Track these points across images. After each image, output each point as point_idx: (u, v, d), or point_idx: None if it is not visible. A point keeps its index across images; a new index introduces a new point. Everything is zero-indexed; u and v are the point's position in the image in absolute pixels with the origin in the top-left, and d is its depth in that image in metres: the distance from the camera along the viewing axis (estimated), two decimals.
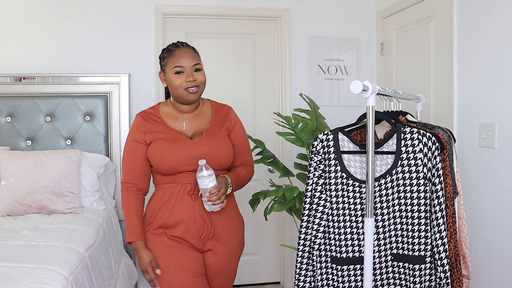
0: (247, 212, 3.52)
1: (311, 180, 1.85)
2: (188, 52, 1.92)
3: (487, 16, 2.39)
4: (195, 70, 1.91)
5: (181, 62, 1.89)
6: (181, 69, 1.88)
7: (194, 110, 1.98)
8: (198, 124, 1.96)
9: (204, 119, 1.98)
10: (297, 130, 2.62)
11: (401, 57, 3.25)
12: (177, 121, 1.95)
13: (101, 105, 3.13)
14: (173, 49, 1.93)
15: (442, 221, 1.71)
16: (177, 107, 1.97)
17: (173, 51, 1.92)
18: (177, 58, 1.90)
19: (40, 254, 1.91)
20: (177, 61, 1.89)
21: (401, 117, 1.99)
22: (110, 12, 3.27)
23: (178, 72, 1.89)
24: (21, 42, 3.19)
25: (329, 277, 1.84)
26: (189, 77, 1.88)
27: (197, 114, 1.99)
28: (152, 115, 1.96)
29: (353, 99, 3.57)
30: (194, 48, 1.98)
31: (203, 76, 1.94)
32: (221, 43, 3.49)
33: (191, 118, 1.97)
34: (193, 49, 1.97)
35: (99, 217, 2.65)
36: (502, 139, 2.29)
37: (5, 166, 2.68)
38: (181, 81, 1.88)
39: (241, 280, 3.57)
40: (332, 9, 3.55)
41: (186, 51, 1.92)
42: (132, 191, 1.93)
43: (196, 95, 1.91)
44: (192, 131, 1.95)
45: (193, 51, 1.95)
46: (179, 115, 1.96)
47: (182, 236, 1.88)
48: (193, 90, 1.90)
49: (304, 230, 1.87)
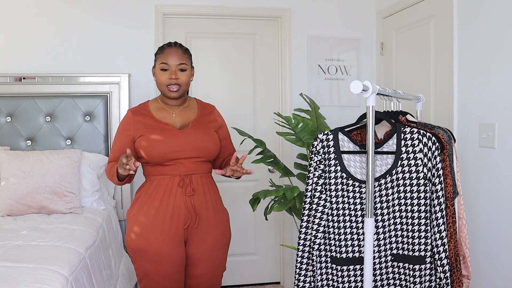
0: (247, 212, 3.53)
1: (311, 180, 1.85)
2: (176, 52, 2.03)
3: (487, 16, 2.39)
4: (179, 69, 2.02)
5: (168, 59, 2.01)
6: (166, 66, 2.01)
7: (181, 104, 2.12)
8: (186, 115, 2.10)
9: (191, 113, 2.12)
10: (297, 130, 2.62)
11: (401, 57, 3.25)
12: (165, 113, 2.08)
13: (101, 105, 3.13)
14: (165, 47, 2.06)
15: (442, 221, 1.71)
16: (165, 101, 2.10)
17: (164, 48, 2.05)
18: (165, 55, 2.02)
19: (40, 254, 1.91)
20: (164, 58, 2.02)
21: (401, 117, 1.99)
22: (110, 12, 3.27)
23: (163, 69, 2.02)
24: (21, 42, 3.19)
25: (329, 277, 1.84)
26: (172, 75, 2.00)
27: (185, 107, 2.12)
28: (141, 109, 2.09)
29: (353, 99, 3.57)
30: (186, 49, 2.08)
31: (186, 77, 2.04)
32: (221, 43, 3.49)
33: (180, 110, 2.10)
34: (184, 50, 2.07)
35: (99, 217, 2.65)
36: (502, 139, 2.29)
37: (5, 166, 2.68)
38: (164, 78, 2.02)
39: (241, 280, 3.57)
40: (332, 9, 3.55)
41: (175, 50, 2.04)
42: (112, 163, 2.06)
43: (176, 93, 2.03)
44: (180, 123, 2.08)
45: (183, 52, 2.05)
46: (168, 108, 2.10)
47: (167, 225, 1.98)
48: (173, 89, 2.02)
49: (304, 230, 1.87)
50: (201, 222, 2.02)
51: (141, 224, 1.98)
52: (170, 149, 1.97)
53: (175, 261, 1.98)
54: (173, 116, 2.07)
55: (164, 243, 1.96)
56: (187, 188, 1.99)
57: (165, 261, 1.97)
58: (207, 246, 2.04)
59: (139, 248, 1.97)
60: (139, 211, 2.00)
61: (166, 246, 1.96)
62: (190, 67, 2.07)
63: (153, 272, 1.98)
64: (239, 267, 3.56)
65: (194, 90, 3.46)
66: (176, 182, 1.99)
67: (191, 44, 3.44)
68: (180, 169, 1.99)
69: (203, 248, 2.03)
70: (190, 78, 2.06)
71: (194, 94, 3.45)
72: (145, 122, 2.03)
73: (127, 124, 2.05)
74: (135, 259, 2.01)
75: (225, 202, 3.50)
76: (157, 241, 1.96)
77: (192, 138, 2.01)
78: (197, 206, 2.01)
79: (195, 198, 2.01)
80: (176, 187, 1.98)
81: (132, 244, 1.99)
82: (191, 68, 2.09)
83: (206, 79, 3.48)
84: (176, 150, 1.98)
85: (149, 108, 2.09)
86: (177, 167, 1.99)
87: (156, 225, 1.96)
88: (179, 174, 1.99)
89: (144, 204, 2.00)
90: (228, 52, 3.50)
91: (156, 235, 1.96)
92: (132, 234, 1.99)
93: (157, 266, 1.97)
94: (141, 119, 2.04)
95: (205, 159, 2.04)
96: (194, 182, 2.01)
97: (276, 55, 3.55)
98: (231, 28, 3.49)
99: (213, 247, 2.06)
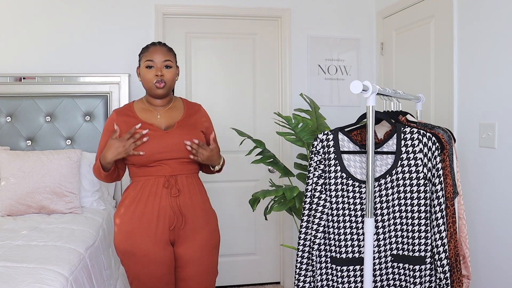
0: (247, 212, 3.53)
1: (311, 180, 1.85)
2: (161, 50, 2.04)
3: (487, 16, 2.39)
4: (165, 66, 2.02)
5: (153, 57, 2.01)
6: (151, 63, 2.01)
7: (166, 104, 2.10)
8: (171, 116, 2.07)
9: (177, 113, 2.10)
10: (297, 130, 2.62)
11: (401, 57, 3.25)
12: (150, 114, 2.06)
13: (101, 105, 3.13)
14: (149, 46, 2.07)
15: (442, 221, 1.71)
16: (151, 101, 2.08)
17: (148, 47, 2.06)
18: (150, 53, 2.03)
19: (40, 254, 1.91)
20: (149, 55, 2.02)
21: (401, 117, 1.99)
22: (110, 12, 3.27)
23: (148, 67, 2.01)
24: (21, 42, 3.19)
25: (329, 278, 1.84)
26: (158, 71, 2.00)
27: (170, 107, 2.10)
28: (126, 110, 2.07)
29: (353, 99, 3.57)
30: (170, 48, 2.09)
31: (171, 74, 2.04)
32: (221, 43, 3.49)
33: (165, 111, 2.08)
34: (168, 49, 2.08)
35: (99, 217, 2.65)
36: (502, 139, 2.29)
37: (5, 166, 2.68)
38: (150, 75, 2.01)
39: (241, 280, 3.57)
40: (332, 9, 3.55)
41: (159, 48, 2.04)
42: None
43: (162, 90, 2.02)
44: (165, 124, 2.05)
45: (167, 50, 2.06)
46: (153, 108, 2.07)
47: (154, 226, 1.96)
48: (160, 85, 2.00)
49: (304, 230, 1.87)
50: (188, 223, 2.00)
51: (128, 226, 1.95)
52: (153, 150, 1.95)
53: (163, 262, 1.96)
54: (158, 117, 2.04)
55: (151, 245, 1.94)
56: (172, 189, 1.97)
57: (153, 263, 1.95)
58: (195, 247, 2.01)
59: (127, 250, 1.95)
60: (125, 213, 1.97)
61: (153, 248, 1.94)
62: (175, 65, 2.05)
63: (142, 274, 1.97)
64: (239, 267, 3.56)
65: (194, 90, 3.46)
66: (161, 183, 1.97)
67: (191, 44, 3.45)
68: (165, 170, 1.97)
69: (191, 249, 2.01)
70: (175, 76, 2.05)
71: (193, 94, 3.45)
72: (129, 122, 2.01)
73: (110, 125, 2.04)
74: (124, 261, 1.99)
75: (225, 202, 3.52)
76: (144, 243, 1.94)
77: (178, 139, 1.98)
78: (183, 207, 1.98)
79: (181, 199, 1.98)
80: (162, 188, 1.96)
81: (120, 246, 1.96)
82: (176, 67, 2.08)
83: (206, 79, 3.48)
84: (160, 151, 1.95)
85: (133, 108, 2.07)
86: (162, 168, 1.97)
87: (142, 227, 1.94)
88: (164, 175, 1.97)
89: (130, 206, 1.98)
90: (228, 52, 3.50)
91: (143, 237, 1.94)
92: (119, 236, 1.97)
93: (146, 268, 1.95)
94: (125, 120, 2.02)
95: (190, 159, 2.02)
96: (180, 183, 1.99)
97: (276, 55, 3.55)
98: (231, 28, 3.49)
99: (202, 248, 2.03)
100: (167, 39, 3.36)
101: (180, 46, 3.41)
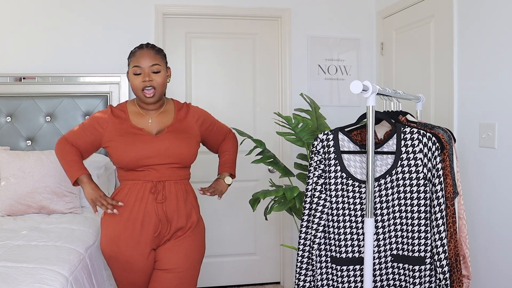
0: (247, 212, 3.53)
1: (311, 180, 1.85)
2: (148, 53, 1.93)
3: (487, 16, 2.39)
4: (153, 71, 1.92)
5: (140, 62, 1.91)
6: (139, 69, 1.91)
7: (158, 108, 2.02)
8: (162, 121, 2.01)
9: (168, 117, 2.02)
10: (297, 130, 2.62)
11: (401, 57, 3.25)
12: (142, 118, 1.99)
13: (101, 105, 3.13)
14: (136, 50, 1.96)
15: (441, 221, 1.71)
16: (142, 105, 2.01)
17: (135, 52, 1.95)
18: (137, 58, 1.92)
19: (40, 254, 1.91)
20: (136, 61, 1.92)
21: (401, 117, 1.99)
22: (110, 12, 3.27)
23: (136, 73, 1.92)
24: (21, 42, 3.19)
25: (329, 277, 1.84)
26: (145, 77, 1.90)
27: (162, 112, 2.03)
28: (120, 112, 2.01)
29: (353, 99, 3.57)
30: (159, 49, 1.99)
31: (161, 79, 1.94)
32: (221, 43, 3.49)
33: (157, 116, 2.01)
34: (156, 51, 1.96)
35: (99, 217, 2.65)
36: (502, 139, 2.29)
37: (5, 166, 2.68)
38: (138, 82, 1.92)
39: (241, 280, 3.57)
40: (332, 9, 3.55)
41: (146, 52, 1.93)
42: (70, 145, 2.01)
43: (152, 98, 1.94)
44: (157, 128, 1.99)
45: (155, 53, 1.95)
46: (144, 113, 2.01)
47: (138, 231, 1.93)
48: (149, 94, 1.92)
49: (304, 230, 1.87)
50: (173, 231, 1.95)
51: (113, 231, 1.92)
52: (141, 155, 1.89)
53: (145, 270, 1.94)
54: (149, 123, 1.98)
55: (134, 251, 1.91)
56: (158, 194, 1.92)
57: (135, 270, 1.93)
58: (179, 256, 1.95)
59: (111, 255, 1.93)
60: (111, 217, 1.94)
61: (136, 255, 1.91)
62: (164, 68, 1.97)
63: (124, 279, 1.97)
64: (239, 267, 3.56)
65: (193, 90, 3.46)
66: (148, 188, 1.92)
67: (191, 44, 3.45)
68: (153, 175, 1.91)
69: (175, 259, 1.94)
70: (165, 79, 1.96)
71: (193, 94, 3.45)
72: (120, 125, 1.96)
73: (103, 123, 1.97)
74: (109, 265, 1.98)
75: (224, 202, 3.52)
76: (127, 249, 1.90)
77: (167, 144, 1.92)
78: (169, 214, 1.93)
79: (167, 205, 1.93)
80: (148, 194, 1.91)
81: (105, 250, 1.94)
82: (166, 68, 2.00)
83: (206, 79, 3.48)
84: (148, 156, 1.90)
85: (127, 110, 2.01)
86: (150, 173, 1.92)
87: (127, 232, 1.91)
88: (152, 180, 1.92)
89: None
90: (228, 52, 3.50)
91: (127, 242, 1.90)
92: (105, 240, 1.94)
93: (127, 274, 1.94)
94: (117, 122, 1.97)
95: (180, 165, 1.96)
96: (167, 189, 1.93)
97: (276, 55, 3.55)
98: (231, 28, 3.49)
99: (185, 259, 1.96)
100: (167, 39, 3.36)
101: (180, 46, 3.41)
